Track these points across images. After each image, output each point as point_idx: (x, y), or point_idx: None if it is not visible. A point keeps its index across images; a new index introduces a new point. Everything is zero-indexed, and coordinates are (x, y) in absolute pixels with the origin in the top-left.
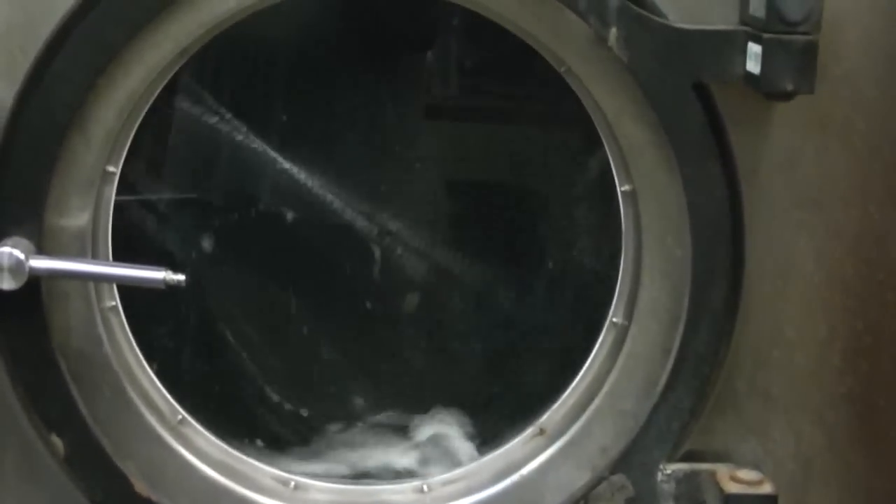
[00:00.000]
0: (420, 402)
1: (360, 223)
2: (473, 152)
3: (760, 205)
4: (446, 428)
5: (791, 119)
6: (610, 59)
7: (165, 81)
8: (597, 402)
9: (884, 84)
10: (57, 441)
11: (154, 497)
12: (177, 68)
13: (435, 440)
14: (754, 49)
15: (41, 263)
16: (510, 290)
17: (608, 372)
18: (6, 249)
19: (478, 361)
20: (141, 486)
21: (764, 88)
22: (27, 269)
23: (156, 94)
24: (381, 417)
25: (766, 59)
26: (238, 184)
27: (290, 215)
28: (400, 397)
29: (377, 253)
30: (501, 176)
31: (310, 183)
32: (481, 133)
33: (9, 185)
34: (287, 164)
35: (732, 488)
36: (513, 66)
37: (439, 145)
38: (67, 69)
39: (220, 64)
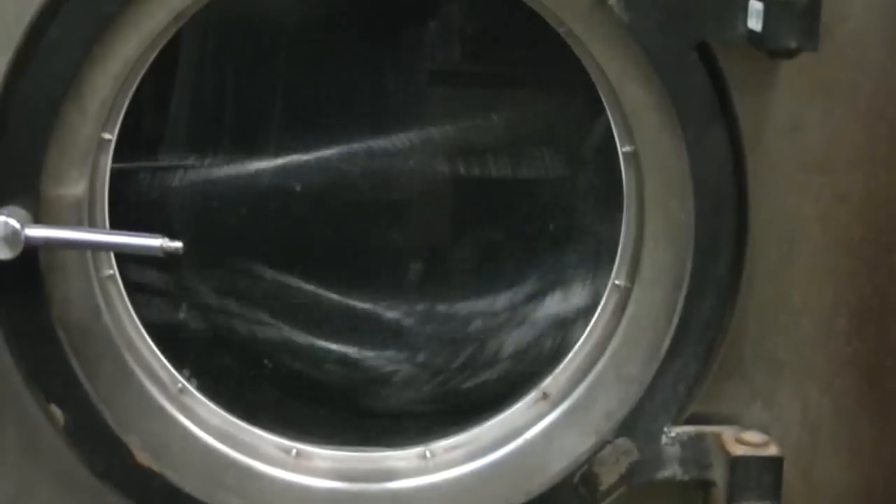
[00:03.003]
0: (424, 367)
1: (362, 190)
2: (476, 117)
3: (765, 168)
4: (450, 393)
5: (796, 81)
6: (611, 20)
7: (161, 48)
8: (600, 365)
9: (890, 45)
10: (57, 413)
11: (156, 467)
12: (172, 34)
13: (439, 406)
14: (756, 6)
15: (37, 232)
16: (512, 255)
17: (611, 335)
18: (2, 219)
19: (480, 326)
20: (143, 457)
21: (766, 47)
22: (23, 239)
23: (151, 61)
24: (385, 383)
25: (768, 17)
26: (237, 150)
27: (289, 182)
28: (403, 363)
29: (380, 218)
30: (505, 140)
31: (310, 149)
32: (484, 98)
33: (4, 155)
34: (287, 132)
35: (738, 451)
36: (515, 29)
37: (441, 111)
38: (62, 37)
39: (216, 30)
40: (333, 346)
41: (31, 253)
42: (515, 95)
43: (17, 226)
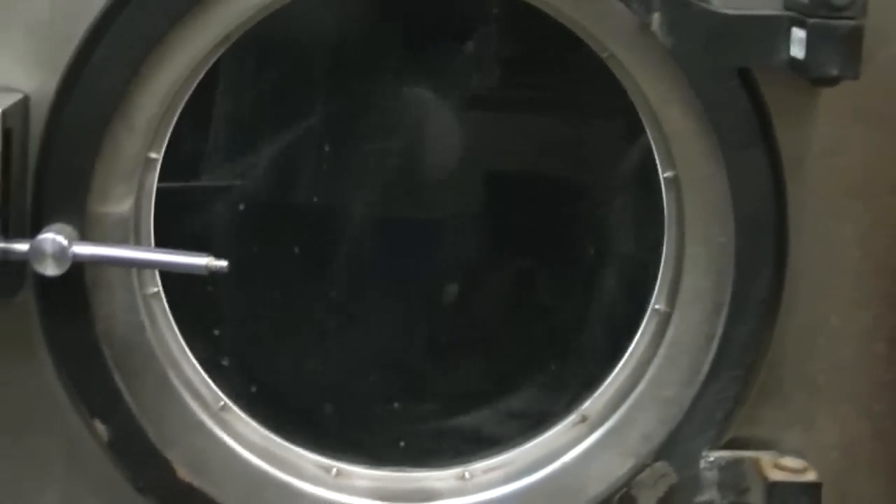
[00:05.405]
0: (463, 389)
1: (401, 212)
2: (514, 141)
3: (805, 192)
4: (489, 415)
5: (836, 106)
6: (653, 45)
7: (208, 68)
8: (639, 389)
9: None
10: (101, 428)
11: (197, 483)
12: (219, 55)
13: (478, 427)
14: (798, 34)
15: (84, 250)
16: (552, 278)
17: (651, 359)
18: (50, 236)
19: (520, 349)
20: (184, 473)
21: (808, 74)
22: (70, 256)
23: (198, 81)
24: (424, 404)
25: (810, 45)
26: (279, 171)
27: (330, 204)
28: (442, 385)
29: (418, 243)
30: (543, 165)
31: (349, 172)
32: (522, 122)
33: (53, 173)
34: (326, 154)
35: (776, 476)
36: (555, 53)
37: (479, 135)
38: (109, 58)
39: (261, 51)
40: (374, 366)
41: (78, 269)
42: (553, 120)
43: (65, 243)
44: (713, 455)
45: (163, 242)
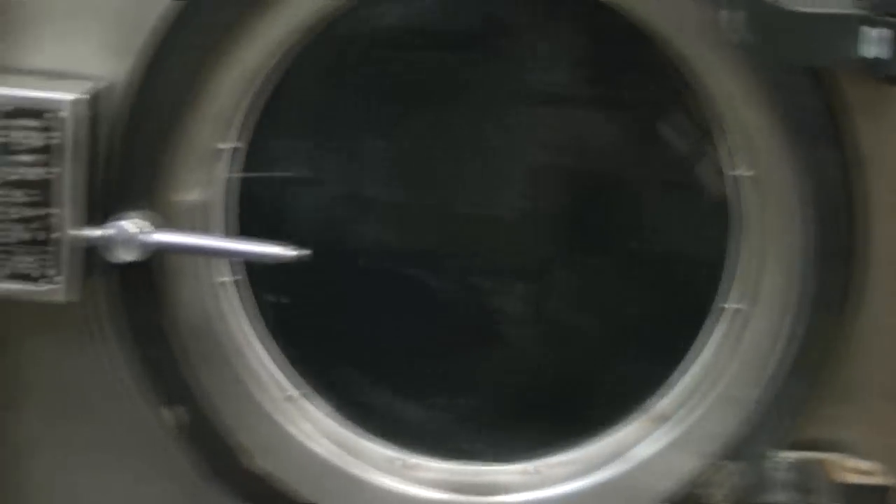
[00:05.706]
0: (532, 384)
1: (473, 208)
2: (578, 138)
3: (877, 191)
4: (558, 410)
5: None
6: (723, 41)
7: (286, 61)
8: (707, 387)
9: None
10: (170, 415)
11: (264, 471)
12: (298, 48)
13: (546, 422)
14: (869, 33)
15: (160, 238)
16: (618, 275)
17: (719, 358)
18: (125, 223)
19: (590, 345)
20: (254, 461)
21: (879, 73)
22: (146, 243)
23: (275, 73)
24: (494, 398)
25: (880, 44)
26: (354, 165)
27: (402, 199)
28: (512, 380)
29: (488, 239)
30: (611, 162)
31: (412, 166)
32: (586, 119)
33: (127, 162)
34: (392, 149)
35: (844, 477)
36: (621, 50)
37: (543, 132)
38: (181, 47)
39: (333, 46)
40: (444, 359)
41: (150, 257)
42: (617, 117)
43: (137, 230)
44: (780, 455)
45: (243, 232)
